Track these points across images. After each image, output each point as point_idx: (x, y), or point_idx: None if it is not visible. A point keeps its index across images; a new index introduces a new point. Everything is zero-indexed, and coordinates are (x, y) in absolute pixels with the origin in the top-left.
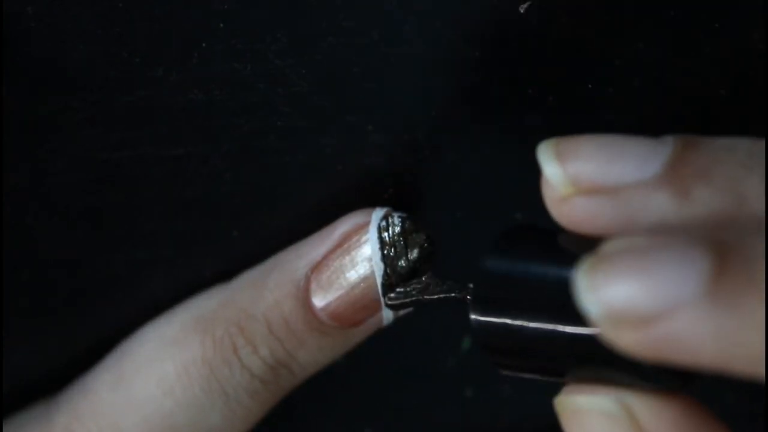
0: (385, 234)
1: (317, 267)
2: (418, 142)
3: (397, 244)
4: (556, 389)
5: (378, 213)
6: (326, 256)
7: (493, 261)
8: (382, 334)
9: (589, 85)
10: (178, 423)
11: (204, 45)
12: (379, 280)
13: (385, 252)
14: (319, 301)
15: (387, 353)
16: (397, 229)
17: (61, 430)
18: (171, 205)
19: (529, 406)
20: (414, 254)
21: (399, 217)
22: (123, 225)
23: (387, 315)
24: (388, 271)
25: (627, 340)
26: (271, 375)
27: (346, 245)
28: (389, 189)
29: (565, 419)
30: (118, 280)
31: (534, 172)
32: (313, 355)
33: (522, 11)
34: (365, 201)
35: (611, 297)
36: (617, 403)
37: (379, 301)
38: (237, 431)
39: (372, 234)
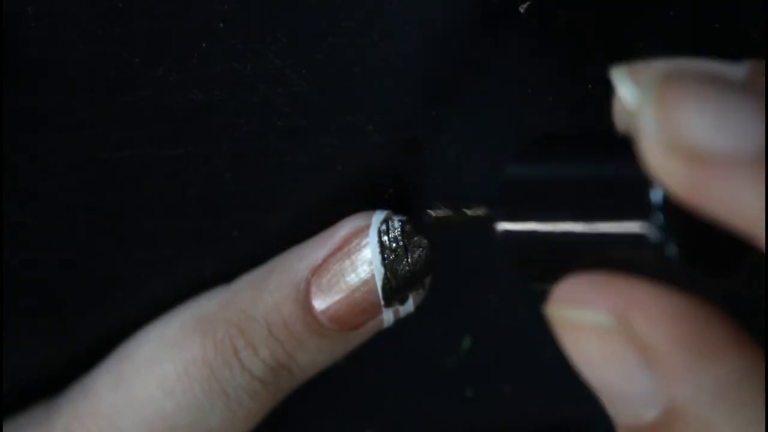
0: (385, 237)
1: (317, 270)
2: (418, 142)
3: (397, 247)
4: (556, 388)
5: (378, 216)
6: (326, 259)
7: (515, 168)
8: (382, 334)
9: (589, 85)
10: (178, 424)
11: (204, 45)
12: (379, 284)
13: (385, 255)
14: (319, 304)
15: (387, 353)
16: (398, 233)
17: (61, 430)
18: (171, 205)
19: (529, 406)
20: (414, 258)
21: (399, 220)
22: (123, 225)
23: (387, 317)
24: (388, 274)
25: (674, 172)
26: (272, 376)
27: (346, 248)
28: (389, 189)
29: (557, 330)
30: (118, 280)
31: None
32: (313, 356)
33: (522, 11)
34: (365, 201)
35: (681, 120)
36: (611, 315)
37: (379, 304)
38: None
39: (372, 237)
